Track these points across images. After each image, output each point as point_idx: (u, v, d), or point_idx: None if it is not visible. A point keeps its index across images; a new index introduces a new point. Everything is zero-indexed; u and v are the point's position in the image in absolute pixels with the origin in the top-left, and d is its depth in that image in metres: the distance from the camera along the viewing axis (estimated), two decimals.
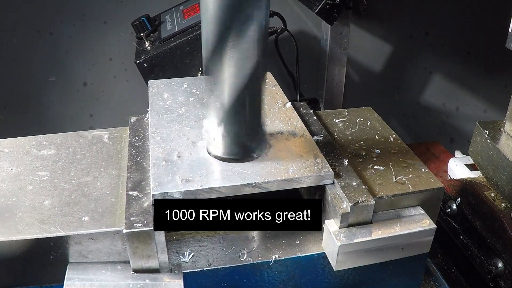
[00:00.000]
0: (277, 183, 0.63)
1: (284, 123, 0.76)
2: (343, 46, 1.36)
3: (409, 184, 0.68)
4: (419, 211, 0.67)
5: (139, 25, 1.26)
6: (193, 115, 0.78)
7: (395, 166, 0.72)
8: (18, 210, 0.62)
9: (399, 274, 0.70)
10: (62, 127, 1.67)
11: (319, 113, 0.87)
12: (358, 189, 0.64)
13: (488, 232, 0.80)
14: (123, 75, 1.65)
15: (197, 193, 0.61)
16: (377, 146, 0.77)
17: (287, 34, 1.36)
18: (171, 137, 0.71)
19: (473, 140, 0.87)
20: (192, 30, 1.17)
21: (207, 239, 0.68)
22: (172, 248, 0.66)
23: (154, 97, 0.83)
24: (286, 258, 0.65)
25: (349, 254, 0.62)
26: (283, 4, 1.56)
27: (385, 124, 0.84)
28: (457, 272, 0.88)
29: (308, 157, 0.67)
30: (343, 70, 1.40)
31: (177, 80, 0.89)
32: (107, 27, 1.57)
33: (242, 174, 0.63)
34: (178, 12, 1.30)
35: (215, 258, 0.64)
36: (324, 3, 1.09)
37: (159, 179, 0.62)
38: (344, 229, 0.63)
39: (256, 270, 0.64)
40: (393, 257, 0.65)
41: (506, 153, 0.79)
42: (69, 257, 0.60)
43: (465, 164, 1.08)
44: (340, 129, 0.82)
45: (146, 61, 1.16)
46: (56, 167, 0.71)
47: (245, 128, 0.65)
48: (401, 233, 0.63)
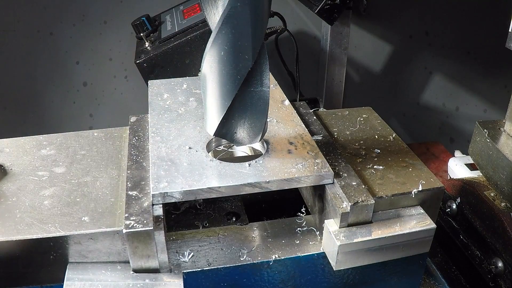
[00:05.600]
0: (277, 183, 0.63)
1: (284, 122, 0.76)
2: (343, 46, 1.36)
3: (409, 184, 0.68)
4: (419, 211, 0.67)
5: (139, 25, 1.27)
6: (193, 115, 0.78)
7: (395, 166, 0.72)
8: (17, 210, 0.62)
9: (399, 274, 0.70)
10: (62, 127, 1.67)
11: (319, 113, 0.87)
12: (358, 188, 0.64)
13: (488, 231, 0.80)
14: (123, 75, 1.65)
15: (197, 193, 0.61)
16: (377, 146, 0.77)
17: (287, 34, 1.36)
18: (171, 137, 0.71)
19: (473, 140, 0.87)
20: (192, 30, 1.17)
21: (207, 239, 0.68)
22: (172, 248, 0.66)
23: (154, 97, 0.83)
24: (286, 258, 0.65)
25: (349, 254, 0.62)
26: (283, 4, 1.56)
27: (385, 124, 0.84)
28: (457, 272, 0.88)
29: (308, 157, 0.67)
30: (343, 70, 1.40)
31: (177, 80, 0.89)
32: (107, 27, 1.57)
33: (242, 174, 0.63)
34: (178, 12, 1.30)
35: (215, 258, 0.64)
36: (324, 3, 1.09)
37: (158, 179, 0.62)
38: (344, 229, 0.63)
39: (256, 270, 0.64)
40: (393, 257, 0.65)
41: (506, 153, 0.79)
42: (69, 257, 0.60)
43: (465, 164, 1.08)
44: (340, 129, 0.82)
45: (146, 61, 1.16)
46: (56, 167, 0.71)
47: (246, 128, 0.65)
48: (401, 232, 0.63)
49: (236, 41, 0.58)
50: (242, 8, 0.56)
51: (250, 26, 0.57)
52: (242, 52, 0.59)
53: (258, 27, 0.58)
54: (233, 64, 0.59)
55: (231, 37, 0.58)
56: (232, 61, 0.59)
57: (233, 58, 0.59)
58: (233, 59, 0.59)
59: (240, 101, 0.62)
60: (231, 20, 0.57)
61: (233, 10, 0.56)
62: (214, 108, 0.63)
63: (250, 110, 0.63)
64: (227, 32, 0.57)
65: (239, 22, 0.57)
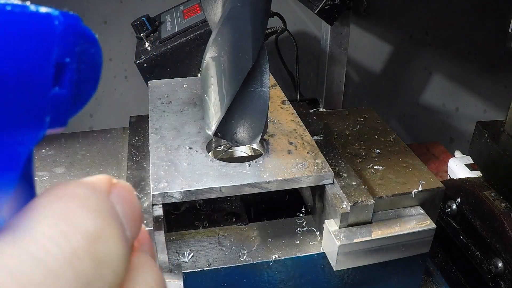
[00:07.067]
0: (277, 183, 0.63)
1: (284, 123, 0.76)
2: (343, 46, 1.36)
3: (409, 184, 0.68)
4: (419, 211, 0.67)
5: (139, 26, 1.26)
6: (193, 115, 0.78)
7: (395, 166, 0.72)
8: None
9: (399, 274, 0.70)
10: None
11: (319, 113, 0.87)
12: (358, 189, 0.64)
13: (488, 232, 0.80)
14: (123, 75, 1.65)
15: (197, 193, 0.61)
16: (377, 146, 0.77)
17: (287, 34, 1.36)
18: (171, 137, 0.71)
19: (473, 140, 0.87)
20: (192, 30, 1.17)
21: (207, 239, 0.68)
22: (172, 248, 0.66)
23: (154, 97, 0.83)
24: (286, 258, 0.65)
25: (349, 254, 0.62)
26: (283, 4, 1.56)
27: (385, 124, 0.84)
28: (457, 272, 0.88)
29: (308, 157, 0.67)
30: (343, 70, 1.40)
31: (177, 80, 0.89)
32: (107, 27, 1.57)
33: (242, 174, 0.63)
34: (178, 12, 1.30)
35: (215, 258, 0.64)
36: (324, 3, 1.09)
37: (158, 179, 0.62)
38: (344, 229, 0.63)
39: (256, 270, 0.64)
40: (393, 257, 0.65)
41: (506, 153, 0.79)
42: None
43: (465, 164, 1.08)
44: (340, 129, 0.82)
45: (146, 61, 1.16)
46: (56, 167, 0.71)
47: (246, 128, 0.65)
48: (401, 233, 0.63)
49: (236, 42, 0.58)
50: (242, 8, 0.56)
51: (250, 26, 0.57)
52: (242, 52, 0.59)
53: (258, 27, 0.58)
54: (233, 64, 0.59)
55: (231, 38, 0.58)
56: (232, 61, 0.59)
57: (233, 59, 0.59)
58: (233, 59, 0.59)
59: (240, 101, 0.62)
60: (231, 20, 0.57)
61: (233, 11, 0.56)
62: (213, 108, 0.63)
63: (250, 110, 0.64)
64: (227, 33, 0.57)
65: (239, 22, 0.57)
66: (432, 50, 1.74)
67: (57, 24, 0.19)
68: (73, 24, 0.20)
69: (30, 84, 0.19)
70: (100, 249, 0.19)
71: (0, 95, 0.18)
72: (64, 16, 0.20)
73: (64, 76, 0.21)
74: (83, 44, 0.21)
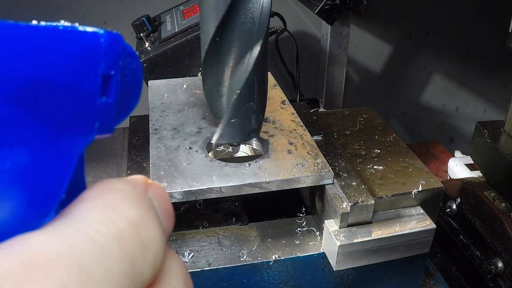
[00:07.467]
0: (277, 183, 0.63)
1: (283, 122, 0.76)
2: (343, 46, 1.36)
3: (409, 184, 0.68)
4: (419, 211, 0.67)
5: (139, 26, 1.26)
6: (193, 115, 0.78)
7: (395, 166, 0.72)
8: None
9: (399, 274, 0.70)
10: None
11: (319, 113, 0.87)
12: (358, 189, 0.64)
13: (488, 232, 0.80)
14: None
15: (197, 193, 0.61)
16: (377, 146, 0.77)
17: (287, 34, 1.36)
18: (171, 137, 0.71)
19: (473, 140, 0.87)
20: (192, 30, 1.17)
21: (207, 239, 0.68)
22: (172, 248, 0.66)
23: (154, 97, 0.83)
24: (286, 258, 0.65)
25: (349, 254, 0.62)
26: (283, 4, 1.56)
27: (385, 124, 0.84)
28: (457, 272, 0.88)
29: (308, 157, 0.67)
30: (343, 70, 1.40)
31: (177, 80, 0.89)
32: (107, 27, 1.57)
33: (242, 174, 0.63)
34: (178, 12, 1.30)
35: (215, 258, 0.64)
36: (324, 3, 1.09)
37: (158, 179, 0.62)
38: (344, 229, 0.63)
39: (256, 270, 0.64)
40: (393, 257, 0.65)
41: (506, 153, 0.79)
42: None
43: (465, 164, 1.08)
44: (340, 129, 0.82)
45: (146, 62, 1.16)
46: None
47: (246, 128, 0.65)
48: (401, 233, 0.63)
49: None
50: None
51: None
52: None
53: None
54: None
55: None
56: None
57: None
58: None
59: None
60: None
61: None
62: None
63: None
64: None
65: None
66: (432, 50, 1.74)
67: (102, 41, 0.22)
68: (116, 41, 0.23)
69: (82, 93, 0.22)
70: (143, 233, 0.22)
71: (58, 104, 0.21)
72: (108, 34, 0.22)
73: (110, 87, 0.23)
74: (126, 59, 0.24)
